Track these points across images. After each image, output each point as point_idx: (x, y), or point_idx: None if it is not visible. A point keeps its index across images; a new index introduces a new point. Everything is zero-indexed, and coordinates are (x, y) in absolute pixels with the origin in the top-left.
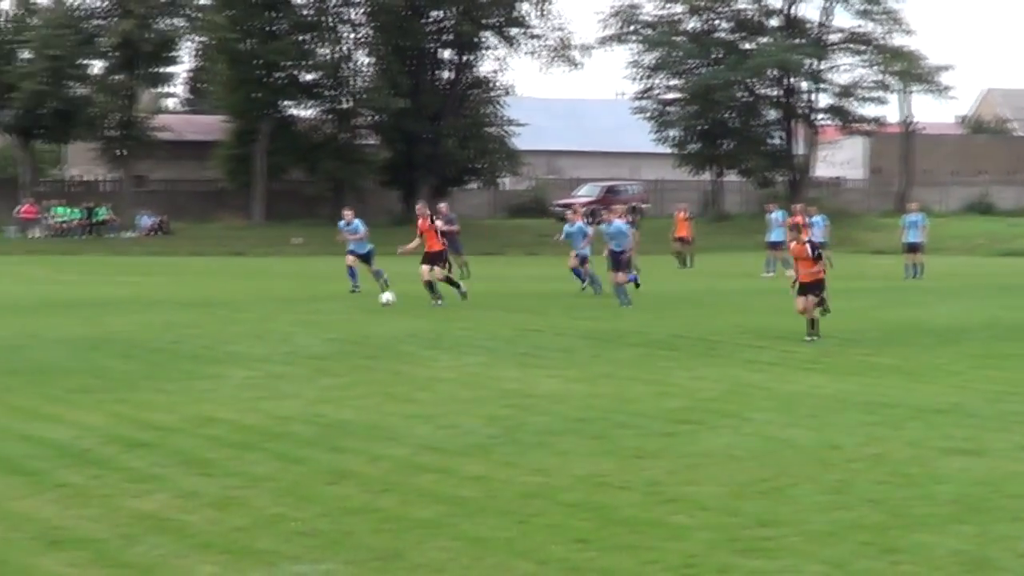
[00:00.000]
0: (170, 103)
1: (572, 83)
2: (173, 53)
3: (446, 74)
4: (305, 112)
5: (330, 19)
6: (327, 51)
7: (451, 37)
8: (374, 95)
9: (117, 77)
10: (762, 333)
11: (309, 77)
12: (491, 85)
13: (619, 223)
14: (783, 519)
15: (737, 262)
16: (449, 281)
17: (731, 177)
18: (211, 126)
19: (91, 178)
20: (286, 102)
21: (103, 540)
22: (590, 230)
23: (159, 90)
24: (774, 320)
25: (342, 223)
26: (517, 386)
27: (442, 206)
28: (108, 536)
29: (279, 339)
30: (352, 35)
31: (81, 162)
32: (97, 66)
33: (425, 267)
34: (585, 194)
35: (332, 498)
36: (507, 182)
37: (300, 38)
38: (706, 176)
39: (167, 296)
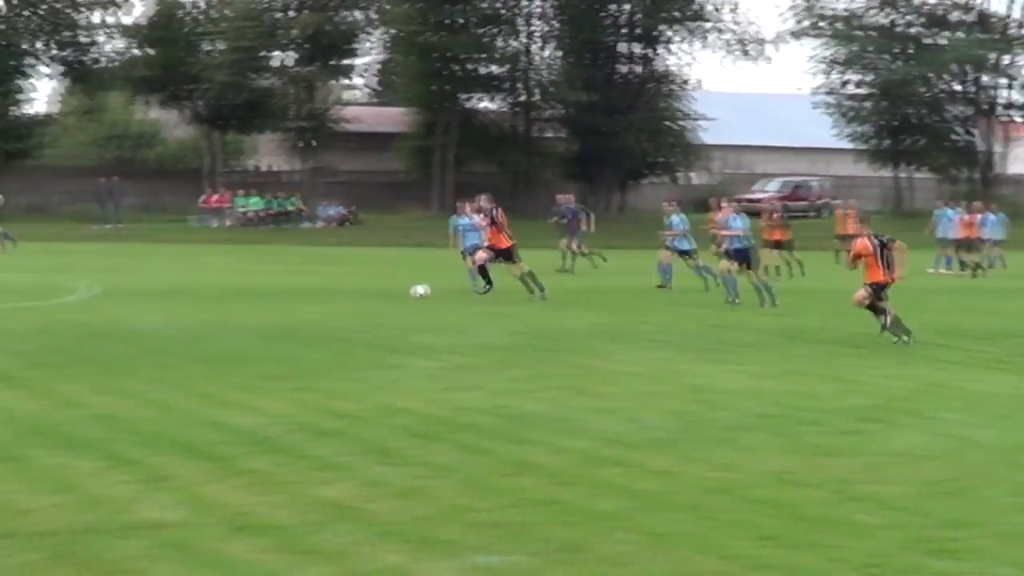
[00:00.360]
0: (357, 94)
1: (755, 77)
2: (355, 45)
3: (628, 68)
4: (488, 105)
5: (513, 12)
6: (509, 45)
7: (636, 31)
8: (559, 89)
9: (303, 69)
10: (948, 331)
11: (491, 69)
12: (674, 79)
13: (737, 217)
14: (972, 520)
15: (922, 259)
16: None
17: (920, 174)
18: (393, 118)
19: (276, 168)
20: (466, 95)
21: (288, 526)
22: (685, 224)
23: (341, 82)
24: (960, 319)
25: (465, 220)
26: (700, 381)
27: (560, 197)
28: (293, 523)
29: (463, 330)
30: (535, 29)
31: (269, 153)
32: (280, 58)
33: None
34: (772, 189)
35: (515, 489)
36: (692, 176)
37: (482, 31)
38: (889, 172)
39: (353, 286)
